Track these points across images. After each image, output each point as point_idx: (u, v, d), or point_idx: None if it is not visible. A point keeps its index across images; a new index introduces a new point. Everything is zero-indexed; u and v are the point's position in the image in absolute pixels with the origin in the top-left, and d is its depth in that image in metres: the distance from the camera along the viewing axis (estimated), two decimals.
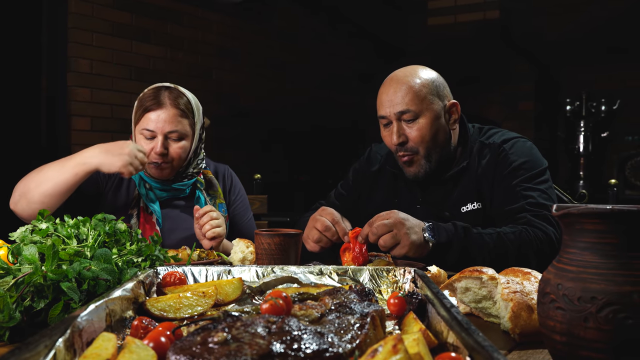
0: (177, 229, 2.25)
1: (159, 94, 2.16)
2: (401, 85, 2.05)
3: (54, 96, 4.46)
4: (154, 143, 2.14)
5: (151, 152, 2.14)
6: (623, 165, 6.13)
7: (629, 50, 6.15)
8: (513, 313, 1.11)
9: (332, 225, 1.91)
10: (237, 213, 2.43)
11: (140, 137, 2.17)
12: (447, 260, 1.79)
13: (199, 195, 2.30)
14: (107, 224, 1.39)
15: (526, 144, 2.13)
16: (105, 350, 0.81)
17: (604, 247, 0.86)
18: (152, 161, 2.15)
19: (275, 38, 6.24)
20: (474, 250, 1.81)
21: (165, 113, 2.14)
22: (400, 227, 1.74)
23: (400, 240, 1.73)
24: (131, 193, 2.24)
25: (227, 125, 5.64)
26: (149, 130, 2.14)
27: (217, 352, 0.76)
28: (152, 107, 2.13)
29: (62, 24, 4.45)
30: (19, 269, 1.14)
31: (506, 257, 1.80)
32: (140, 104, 2.18)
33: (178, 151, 2.17)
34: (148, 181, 2.23)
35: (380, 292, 1.34)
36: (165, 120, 2.13)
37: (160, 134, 2.14)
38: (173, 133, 2.15)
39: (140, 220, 2.19)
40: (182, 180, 2.27)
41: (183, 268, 1.34)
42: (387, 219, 1.75)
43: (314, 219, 1.95)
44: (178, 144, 2.17)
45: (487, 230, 1.87)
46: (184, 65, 5.26)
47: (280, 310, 0.93)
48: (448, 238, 1.80)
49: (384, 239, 1.73)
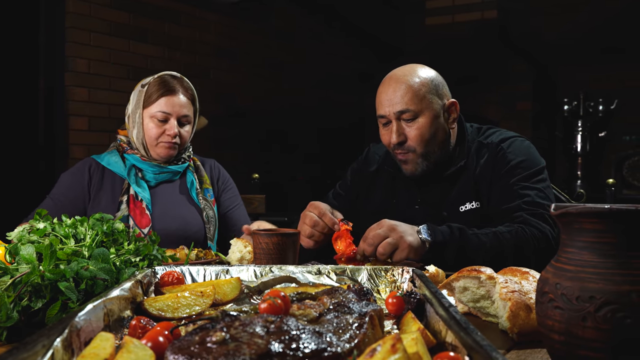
0: (167, 215, 2.34)
1: (171, 81, 2.33)
2: (400, 84, 2.05)
3: (52, 96, 4.46)
4: (166, 126, 2.30)
5: (163, 134, 2.30)
6: (621, 165, 6.14)
7: (626, 50, 6.16)
8: (511, 312, 1.11)
9: (319, 219, 1.94)
10: (228, 198, 2.55)
11: (150, 120, 2.31)
12: (445, 261, 1.79)
13: (191, 178, 2.44)
14: (105, 224, 1.39)
15: (524, 143, 2.13)
16: (103, 350, 0.81)
17: (602, 247, 0.86)
18: (165, 141, 2.31)
19: (273, 38, 6.24)
20: (470, 250, 1.81)
21: (180, 98, 2.32)
22: (394, 232, 1.75)
23: (398, 244, 1.74)
24: (118, 185, 2.34)
25: (225, 125, 5.63)
26: (165, 113, 2.29)
27: (215, 352, 0.76)
28: (167, 92, 2.30)
29: (60, 24, 4.45)
30: (17, 268, 1.14)
31: (503, 256, 1.80)
32: (151, 89, 2.31)
33: (186, 135, 2.37)
34: (142, 166, 2.35)
35: (379, 292, 1.33)
36: (181, 104, 2.32)
37: (174, 117, 2.31)
38: (184, 117, 2.34)
39: (130, 206, 2.28)
40: (177, 163, 2.42)
41: (181, 268, 1.34)
42: (379, 228, 1.76)
43: (303, 215, 1.99)
44: (185, 128, 2.36)
45: (483, 230, 1.87)
46: (182, 65, 5.25)
47: (279, 310, 0.93)
48: (444, 238, 1.80)
49: (382, 246, 1.73)
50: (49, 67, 4.45)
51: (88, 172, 2.35)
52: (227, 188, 2.57)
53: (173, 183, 2.42)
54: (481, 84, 6.46)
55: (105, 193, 2.33)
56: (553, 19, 6.55)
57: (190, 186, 2.43)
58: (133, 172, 2.34)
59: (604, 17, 6.16)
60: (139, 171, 2.36)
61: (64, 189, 2.33)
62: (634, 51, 6.12)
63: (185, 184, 2.44)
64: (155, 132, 2.30)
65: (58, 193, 2.33)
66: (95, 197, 2.32)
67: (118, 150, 2.39)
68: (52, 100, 4.46)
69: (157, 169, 2.37)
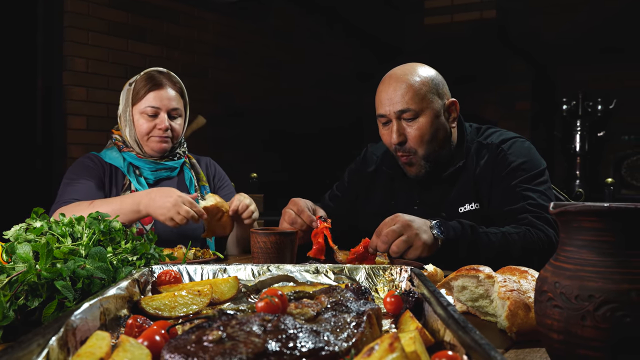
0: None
1: (158, 76, 2.33)
2: (401, 83, 2.03)
3: (50, 95, 4.45)
4: (156, 120, 2.30)
5: (154, 129, 2.30)
6: (619, 165, 6.14)
7: (625, 50, 6.16)
8: (510, 312, 1.10)
9: (297, 216, 1.95)
10: (225, 195, 2.53)
11: (140, 116, 2.31)
12: (456, 258, 1.76)
13: (189, 175, 2.45)
14: (102, 223, 1.38)
15: (524, 144, 2.12)
16: (99, 348, 0.80)
17: (601, 245, 0.86)
18: (156, 135, 2.31)
19: (272, 37, 6.23)
20: (480, 249, 1.80)
21: (168, 92, 2.32)
22: (409, 230, 1.72)
23: (413, 242, 1.72)
24: (120, 181, 2.34)
25: (224, 124, 5.63)
26: (154, 107, 2.29)
27: (212, 351, 0.75)
28: (155, 87, 2.30)
29: (58, 23, 4.44)
30: (13, 267, 1.13)
31: (509, 257, 1.78)
32: (138, 85, 2.31)
33: (178, 128, 2.36)
34: (139, 163, 2.35)
35: (377, 291, 1.33)
36: (169, 98, 2.31)
37: (164, 111, 2.31)
38: (175, 110, 2.33)
39: None
40: (173, 158, 2.42)
41: (178, 267, 1.34)
42: (394, 224, 1.73)
43: (283, 212, 2.00)
44: (177, 121, 2.36)
45: (492, 230, 1.86)
46: (180, 65, 5.25)
47: (276, 309, 0.92)
48: (456, 235, 1.78)
49: (396, 244, 1.71)
50: (47, 66, 4.44)
51: (97, 165, 2.33)
52: (223, 185, 2.57)
53: (171, 180, 2.42)
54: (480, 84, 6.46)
55: (113, 187, 2.33)
56: (552, 19, 6.55)
57: (189, 183, 2.43)
58: (131, 169, 2.35)
59: (603, 17, 6.16)
60: (136, 169, 2.36)
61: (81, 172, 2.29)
62: (633, 51, 6.12)
63: (183, 181, 2.44)
64: (146, 127, 2.30)
65: (76, 175, 2.28)
66: (108, 190, 2.31)
67: (117, 147, 2.39)
68: (50, 99, 4.45)
69: (153, 166, 2.37)
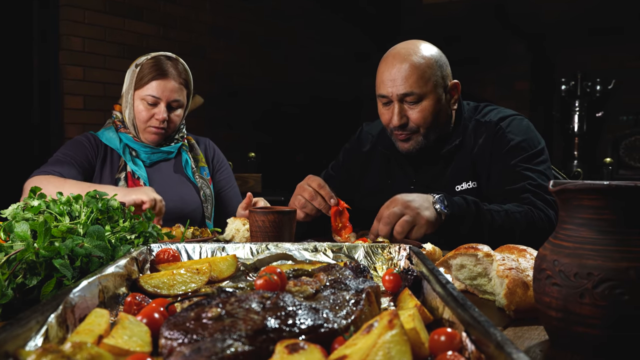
0: (165, 193, 2.31)
1: (164, 63, 2.29)
2: (404, 63, 1.97)
3: (46, 74, 4.42)
4: (155, 110, 2.28)
5: (151, 118, 2.28)
6: (617, 145, 6.14)
7: (624, 30, 6.13)
8: (508, 290, 1.11)
9: (317, 192, 1.90)
10: (223, 179, 2.55)
11: (140, 102, 2.29)
12: (459, 233, 1.75)
13: (185, 157, 2.43)
14: (100, 201, 1.38)
15: (523, 121, 2.10)
16: (98, 326, 0.80)
17: (600, 223, 0.86)
18: (152, 126, 2.29)
19: (269, 17, 6.19)
20: (484, 225, 1.78)
21: (172, 83, 2.28)
22: (410, 209, 1.70)
23: (416, 221, 1.69)
24: (116, 162, 2.33)
25: (221, 104, 5.61)
26: (155, 97, 2.26)
27: (211, 328, 0.75)
28: (159, 76, 2.26)
29: (54, 2, 4.40)
30: (11, 246, 1.13)
31: (513, 235, 1.78)
32: (144, 71, 2.28)
33: (176, 119, 2.33)
34: (135, 146, 2.34)
35: (376, 269, 1.33)
36: (172, 89, 2.28)
37: (164, 102, 2.28)
38: (175, 102, 2.31)
39: (128, 183, 2.28)
40: (169, 144, 2.40)
41: (177, 245, 1.34)
42: (394, 206, 1.71)
43: (301, 187, 1.95)
44: (176, 112, 2.33)
45: (495, 207, 1.84)
46: (177, 44, 5.21)
47: (275, 286, 0.92)
48: (460, 209, 1.76)
49: (399, 224, 1.68)
50: (43, 45, 4.40)
51: (92, 145, 2.33)
52: (222, 168, 2.56)
53: (169, 162, 2.42)
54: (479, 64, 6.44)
55: (106, 169, 2.32)
56: None
57: (185, 164, 2.42)
58: (127, 150, 2.34)
59: None
60: (132, 150, 2.35)
61: (72, 152, 2.28)
62: (632, 32, 6.09)
63: (180, 163, 2.44)
64: (144, 115, 2.28)
65: (67, 154, 2.27)
66: (99, 172, 2.31)
67: (114, 126, 2.38)
68: (46, 79, 4.42)
69: (149, 150, 2.36)
